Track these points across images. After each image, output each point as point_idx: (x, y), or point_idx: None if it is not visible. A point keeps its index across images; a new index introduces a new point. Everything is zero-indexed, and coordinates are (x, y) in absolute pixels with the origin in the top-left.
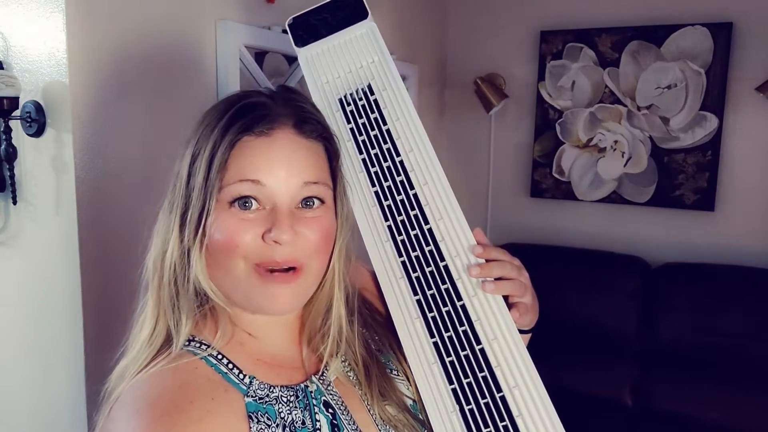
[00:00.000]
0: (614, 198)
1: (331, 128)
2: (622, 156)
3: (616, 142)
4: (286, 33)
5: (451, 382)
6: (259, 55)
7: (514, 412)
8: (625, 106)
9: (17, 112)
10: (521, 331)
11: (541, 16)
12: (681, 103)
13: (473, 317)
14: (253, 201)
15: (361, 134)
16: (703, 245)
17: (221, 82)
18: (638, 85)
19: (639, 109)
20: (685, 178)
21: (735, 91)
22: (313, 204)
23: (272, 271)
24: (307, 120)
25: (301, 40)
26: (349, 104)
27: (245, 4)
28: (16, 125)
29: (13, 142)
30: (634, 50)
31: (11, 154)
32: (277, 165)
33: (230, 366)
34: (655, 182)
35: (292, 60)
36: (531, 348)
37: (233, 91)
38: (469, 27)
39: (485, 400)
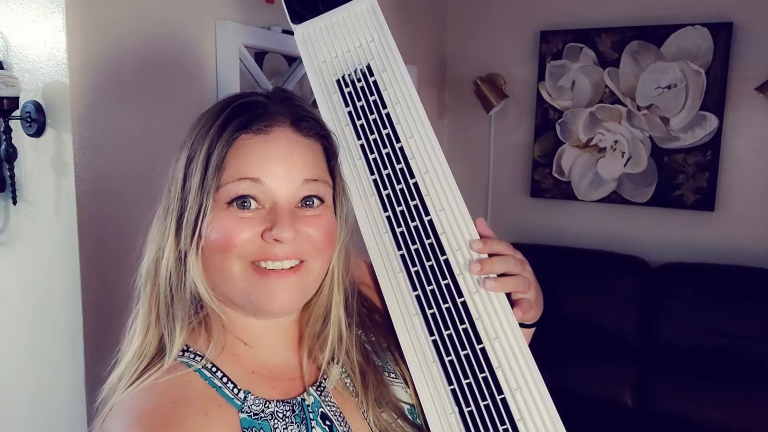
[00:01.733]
0: (614, 198)
1: (328, 127)
2: (622, 156)
3: (616, 142)
4: (286, 33)
5: (450, 383)
6: (259, 55)
7: (516, 416)
8: (625, 106)
9: (17, 112)
10: (524, 326)
11: (541, 16)
12: (681, 103)
13: (474, 315)
14: (252, 200)
15: (359, 118)
16: (703, 245)
17: (221, 82)
18: (638, 85)
19: (639, 109)
20: (685, 178)
21: (735, 91)
22: (313, 203)
23: (271, 269)
24: (304, 118)
25: (298, 16)
26: (347, 86)
27: (245, 4)
28: (16, 125)
29: (13, 142)
30: (634, 50)
31: (11, 154)
32: (276, 163)
33: (225, 380)
34: (655, 182)
35: (292, 60)
36: (531, 347)
37: (228, 94)
38: (469, 27)
39: (485, 402)
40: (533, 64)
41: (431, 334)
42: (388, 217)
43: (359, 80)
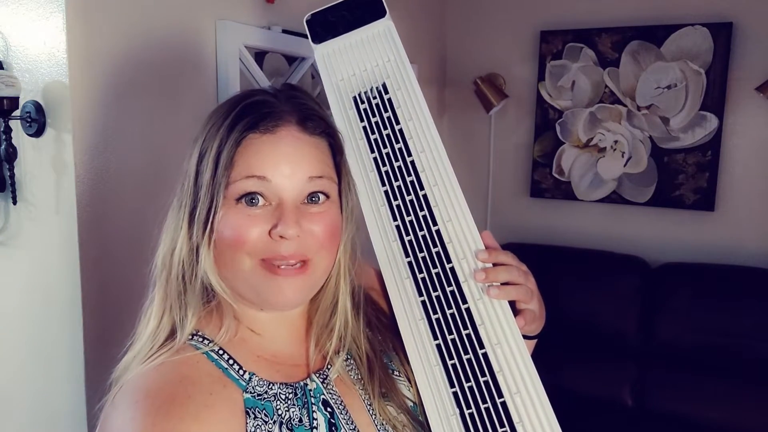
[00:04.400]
0: (614, 198)
1: (334, 124)
2: (622, 156)
3: (616, 142)
4: (287, 33)
5: (452, 385)
6: (259, 55)
7: (515, 419)
8: (625, 106)
9: (17, 112)
10: (526, 337)
11: (541, 16)
12: (681, 103)
13: (477, 321)
14: (260, 197)
15: (373, 133)
16: (703, 245)
17: (221, 82)
18: (638, 85)
19: (639, 109)
20: (685, 178)
21: (735, 91)
22: (319, 199)
23: (279, 266)
24: (310, 117)
25: (318, 37)
26: (363, 102)
27: (245, 4)
28: (16, 125)
29: (13, 142)
30: (634, 50)
31: (11, 154)
32: (283, 161)
33: (231, 362)
34: (655, 182)
35: (292, 60)
36: (533, 351)
37: (238, 91)
38: (469, 27)
39: (486, 405)
40: (533, 64)
41: (435, 338)
42: (398, 226)
43: (375, 97)
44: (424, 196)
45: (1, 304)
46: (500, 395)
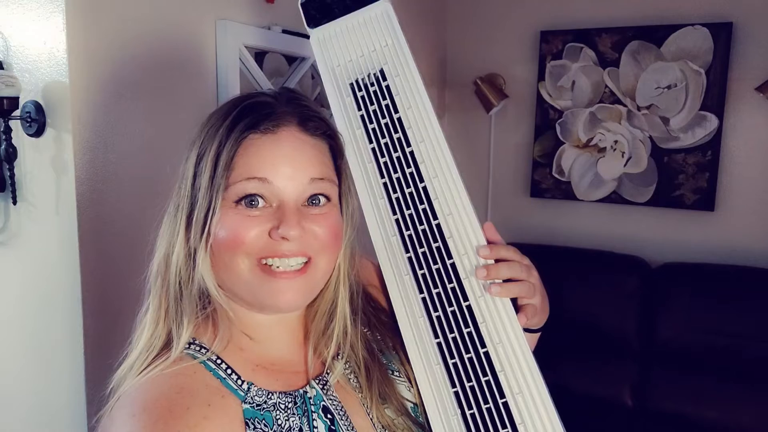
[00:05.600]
0: (614, 198)
1: (335, 126)
2: (622, 156)
3: (616, 142)
4: (286, 33)
5: (453, 385)
6: (259, 55)
7: (517, 420)
8: (625, 106)
9: (17, 112)
10: (530, 331)
11: (541, 16)
12: (681, 103)
13: (479, 319)
14: (260, 199)
15: (371, 122)
16: (703, 245)
17: (221, 82)
18: (638, 85)
19: (639, 109)
20: (685, 178)
21: (735, 91)
22: (320, 202)
23: (278, 267)
24: (311, 118)
25: (314, 21)
26: (360, 89)
27: (245, 4)
28: (16, 125)
29: (13, 142)
30: (634, 50)
31: (11, 154)
32: (284, 162)
33: (229, 371)
34: (655, 182)
35: (292, 60)
36: (535, 348)
37: (236, 94)
38: (469, 27)
39: (487, 406)
40: (533, 64)
41: (436, 336)
42: (397, 220)
43: (372, 84)
44: (424, 188)
45: (1, 304)
46: (502, 395)
